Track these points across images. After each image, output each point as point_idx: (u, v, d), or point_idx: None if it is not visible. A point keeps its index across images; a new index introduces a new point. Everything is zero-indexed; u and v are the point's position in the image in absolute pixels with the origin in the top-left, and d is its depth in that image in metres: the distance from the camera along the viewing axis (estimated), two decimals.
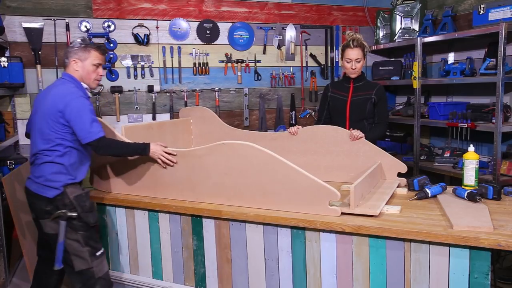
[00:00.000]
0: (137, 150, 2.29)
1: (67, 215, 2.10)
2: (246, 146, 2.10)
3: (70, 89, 2.17)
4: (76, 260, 2.14)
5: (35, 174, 2.18)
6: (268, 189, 2.11)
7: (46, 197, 2.13)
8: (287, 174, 2.04)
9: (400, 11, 4.26)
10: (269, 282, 2.17)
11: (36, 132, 2.19)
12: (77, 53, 2.24)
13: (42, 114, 2.16)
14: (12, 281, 3.10)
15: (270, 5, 4.43)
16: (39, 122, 2.17)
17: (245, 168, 2.13)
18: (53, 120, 2.12)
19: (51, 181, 2.13)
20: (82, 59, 2.25)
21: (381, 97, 2.88)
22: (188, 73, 4.20)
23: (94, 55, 2.26)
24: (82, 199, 2.17)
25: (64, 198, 2.14)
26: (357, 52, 2.80)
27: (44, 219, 2.15)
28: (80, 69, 2.26)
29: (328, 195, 1.98)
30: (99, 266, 2.18)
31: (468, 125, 3.31)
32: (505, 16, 3.34)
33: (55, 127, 2.13)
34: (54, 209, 2.12)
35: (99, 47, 2.30)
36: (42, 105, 2.18)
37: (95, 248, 2.19)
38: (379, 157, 2.58)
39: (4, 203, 3.01)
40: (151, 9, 4.03)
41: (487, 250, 1.70)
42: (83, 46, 2.25)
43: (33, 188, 2.17)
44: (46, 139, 2.15)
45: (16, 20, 3.64)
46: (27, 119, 3.73)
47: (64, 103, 2.11)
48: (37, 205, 2.17)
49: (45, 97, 2.19)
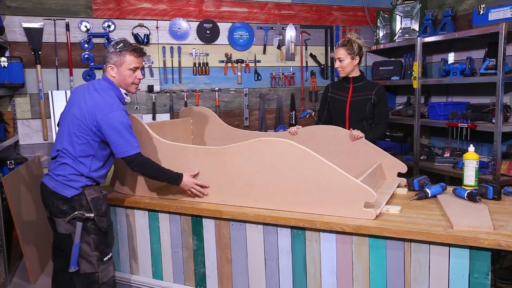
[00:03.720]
0: (169, 178, 2.21)
1: (84, 216, 2.06)
2: (283, 143, 2.07)
3: (111, 100, 2.10)
4: (83, 262, 2.10)
5: (54, 172, 2.12)
6: (300, 189, 2.06)
7: (64, 196, 2.07)
8: (323, 173, 1.99)
9: (400, 11, 4.26)
10: (269, 282, 2.17)
11: (65, 129, 2.12)
12: (112, 59, 2.15)
13: (77, 115, 2.09)
14: (12, 281, 3.10)
15: (270, 5, 4.43)
16: (71, 121, 2.10)
17: (279, 166, 2.09)
18: (86, 127, 2.06)
19: (71, 181, 2.08)
20: (117, 65, 2.15)
21: (381, 97, 2.88)
22: (188, 73, 4.20)
23: (129, 59, 2.15)
24: (99, 202, 2.12)
25: (82, 198, 2.09)
26: (340, 51, 2.83)
27: (59, 218, 2.09)
28: (117, 75, 2.17)
29: (364, 196, 1.93)
30: (104, 271, 2.14)
31: (468, 125, 3.30)
32: (505, 16, 3.34)
33: (85, 133, 2.07)
34: (70, 209, 2.07)
35: (134, 49, 2.16)
36: (79, 106, 2.10)
37: (103, 253, 2.14)
38: (379, 157, 2.58)
39: (4, 203, 3.02)
40: (151, 9, 4.03)
41: (487, 250, 1.70)
42: (117, 50, 2.14)
43: (51, 185, 2.10)
44: (72, 142, 2.09)
45: (16, 20, 3.64)
46: (27, 119, 3.76)
47: (103, 114, 2.04)
48: (53, 203, 2.10)
49: (85, 99, 2.10)
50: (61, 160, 2.11)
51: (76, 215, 2.05)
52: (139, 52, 2.18)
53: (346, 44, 2.82)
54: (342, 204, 1.98)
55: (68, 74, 3.83)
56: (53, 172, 2.13)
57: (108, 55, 2.16)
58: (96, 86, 2.17)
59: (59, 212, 2.09)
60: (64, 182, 2.08)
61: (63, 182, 2.08)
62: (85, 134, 2.08)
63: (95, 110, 2.05)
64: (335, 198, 1.99)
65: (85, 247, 2.09)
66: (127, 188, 2.59)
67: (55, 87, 3.79)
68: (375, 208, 1.99)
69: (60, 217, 2.09)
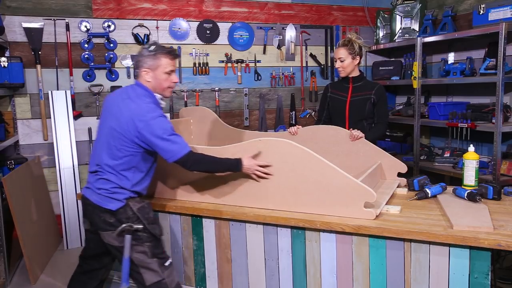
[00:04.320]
0: (229, 166, 2.08)
1: (133, 228, 1.96)
2: (283, 143, 2.07)
3: (147, 106, 1.98)
4: (146, 273, 1.99)
5: (96, 186, 2.03)
6: (300, 189, 2.06)
7: (109, 209, 1.98)
8: (323, 173, 1.99)
9: (400, 11, 4.26)
10: (269, 282, 2.17)
11: (104, 143, 2.03)
12: (147, 62, 2.04)
13: (115, 127, 1.99)
14: (12, 281, 3.10)
15: (270, 5, 4.43)
16: (110, 134, 2.00)
17: (279, 166, 2.09)
18: (127, 139, 1.97)
19: (114, 194, 2.00)
20: (152, 69, 2.04)
21: (380, 96, 2.87)
22: (188, 73, 4.20)
23: (165, 62, 2.05)
24: (145, 210, 2.04)
25: (127, 210, 2.00)
26: (340, 51, 2.83)
27: (107, 231, 1.99)
28: (152, 79, 2.06)
29: (364, 196, 1.94)
30: (170, 276, 2.03)
31: (468, 125, 3.30)
32: (505, 16, 3.34)
33: (128, 145, 1.98)
34: (117, 222, 1.98)
35: (169, 52, 2.07)
36: (116, 117, 2.00)
37: (163, 258, 2.04)
38: (379, 157, 2.58)
39: (4, 203, 3.02)
40: (151, 9, 4.03)
41: (487, 250, 1.70)
42: (152, 53, 2.04)
43: (93, 199, 2.02)
44: (113, 155, 2.00)
45: (16, 20, 3.64)
46: (27, 119, 3.77)
47: (144, 124, 1.93)
48: (99, 216, 2.01)
49: (120, 109, 2.00)
50: (101, 175, 2.02)
51: (124, 227, 1.95)
52: (174, 54, 2.09)
53: (347, 44, 2.82)
54: (342, 204, 1.98)
55: (68, 74, 3.83)
56: (94, 186, 2.04)
57: (141, 59, 2.05)
58: (130, 93, 2.06)
59: (106, 225, 1.99)
60: (107, 195, 2.00)
61: (105, 195, 2.00)
62: (128, 146, 1.98)
63: (134, 120, 1.94)
64: (335, 198, 1.99)
65: (141, 257, 1.99)
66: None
67: (55, 87, 3.79)
68: (375, 208, 1.99)
69: (109, 230, 1.99)
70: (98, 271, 2.22)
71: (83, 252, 2.23)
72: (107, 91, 3.94)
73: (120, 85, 3.95)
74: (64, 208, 3.73)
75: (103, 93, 3.93)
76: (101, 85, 3.91)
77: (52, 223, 3.75)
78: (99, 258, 2.19)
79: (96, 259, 2.19)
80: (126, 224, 1.96)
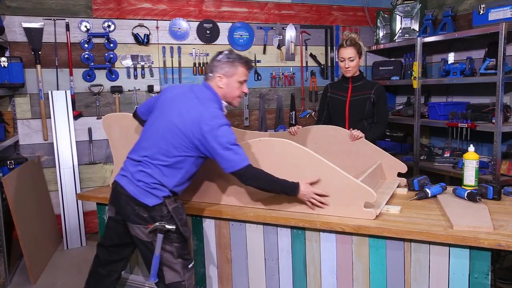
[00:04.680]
0: (286, 189, 2.00)
1: (165, 228, 1.92)
2: (283, 143, 2.07)
3: (216, 112, 1.95)
4: (168, 272, 1.97)
5: (136, 177, 1.96)
6: None
7: (145, 204, 1.93)
8: (323, 173, 1.99)
9: (400, 11, 4.26)
10: (269, 282, 2.17)
11: (160, 136, 1.97)
12: (224, 68, 2.02)
13: (178, 125, 1.94)
14: (12, 281, 3.10)
15: (270, 5, 4.43)
16: (170, 129, 1.95)
17: (279, 166, 2.07)
18: (188, 139, 1.92)
19: (154, 189, 1.95)
20: (228, 76, 2.03)
21: (380, 96, 2.88)
22: (188, 73, 4.20)
23: (241, 71, 2.04)
24: (179, 211, 2.00)
25: (163, 209, 1.95)
26: (350, 50, 2.80)
27: (139, 224, 1.95)
28: (225, 86, 2.04)
29: (364, 196, 1.93)
30: (190, 279, 2.01)
31: (468, 125, 3.31)
32: (505, 16, 3.34)
33: (184, 146, 1.93)
34: (150, 218, 1.93)
35: (246, 62, 2.06)
36: (180, 113, 1.95)
37: (187, 260, 2.01)
38: (379, 157, 2.58)
39: (4, 203, 3.02)
40: (151, 9, 4.03)
41: (487, 250, 1.70)
42: (230, 60, 2.02)
43: (130, 189, 1.95)
44: (167, 152, 1.94)
45: (16, 20, 3.64)
46: (27, 119, 3.77)
47: (210, 128, 1.88)
48: (133, 209, 1.95)
49: (186, 107, 1.96)
50: (145, 168, 1.97)
51: (157, 226, 1.91)
52: (250, 66, 2.10)
53: (355, 44, 2.81)
54: (342, 204, 1.98)
55: (68, 74, 3.83)
56: (133, 176, 1.97)
57: (218, 64, 2.03)
58: (198, 94, 2.01)
59: (139, 218, 1.95)
60: (146, 189, 1.94)
61: (145, 189, 1.94)
62: (185, 146, 1.94)
63: (200, 123, 1.90)
64: (335, 198, 1.99)
65: (167, 256, 1.96)
66: None
67: (55, 87, 3.79)
68: (375, 208, 1.99)
69: (140, 224, 1.94)
70: (118, 263, 2.16)
71: (102, 240, 2.17)
72: (107, 91, 3.94)
73: (120, 85, 3.96)
74: (64, 208, 3.73)
75: (103, 93, 3.93)
76: (101, 85, 3.91)
77: (52, 223, 3.75)
78: (119, 249, 2.13)
79: (116, 249, 2.13)
80: (159, 223, 1.92)
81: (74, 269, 3.26)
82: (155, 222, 1.92)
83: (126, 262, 2.22)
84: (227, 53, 2.06)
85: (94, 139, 3.95)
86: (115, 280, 2.19)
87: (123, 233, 2.06)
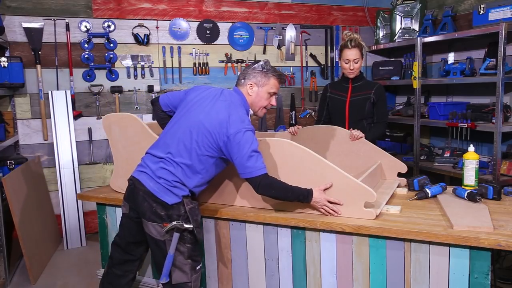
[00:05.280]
0: (299, 197, 1.99)
1: (183, 227, 1.91)
2: (284, 143, 2.07)
3: (244, 116, 1.96)
4: (176, 272, 1.95)
5: (157, 174, 1.95)
6: None
7: (165, 202, 1.92)
8: (323, 173, 1.99)
9: (400, 11, 4.26)
10: (269, 282, 2.17)
11: (186, 134, 1.96)
12: (256, 77, 2.05)
13: (205, 123, 1.94)
14: (12, 281, 3.10)
15: (270, 5, 4.43)
16: (197, 127, 1.95)
17: (279, 166, 2.08)
18: (213, 139, 1.92)
19: (174, 188, 1.94)
20: (259, 85, 2.05)
21: (380, 96, 2.87)
22: (188, 73, 4.20)
23: (272, 83, 2.06)
24: (195, 212, 1.99)
25: (181, 208, 1.95)
26: (355, 52, 2.78)
27: (154, 222, 1.93)
28: (254, 94, 2.06)
29: (364, 196, 1.93)
30: (196, 281, 2.01)
31: (468, 125, 3.31)
32: (505, 16, 3.34)
33: (209, 145, 1.93)
34: (167, 216, 1.92)
35: (280, 75, 2.09)
36: (208, 113, 1.96)
37: (196, 262, 2.01)
38: (379, 157, 2.58)
39: (4, 203, 3.02)
40: (151, 9, 4.03)
41: (487, 250, 1.70)
42: (264, 71, 2.06)
43: (149, 186, 1.94)
44: (190, 150, 1.94)
45: (16, 20, 3.65)
46: (27, 119, 3.77)
47: (236, 131, 1.89)
48: (150, 205, 1.93)
49: (216, 107, 1.97)
50: (167, 166, 1.95)
51: (175, 225, 1.90)
52: (283, 79, 2.13)
53: (359, 45, 2.78)
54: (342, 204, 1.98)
55: (68, 74, 3.83)
56: (154, 173, 1.96)
57: (252, 72, 2.07)
58: (227, 97, 2.03)
59: (155, 216, 1.93)
60: (167, 187, 1.93)
61: (165, 186, 1.93)
62: (210, 146, 1.94)
63: (228, 124, 1.91)
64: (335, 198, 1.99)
65: (178, 256, 1.95)
66: None
67: (55, 87, 3.79)
68: (375, 208, 1.99)
69: (156, 222, 1.93)
70: (133, 263, 2.14)
71: (116, 238, 2.15)
72: (107, 91, 3.94)
73: (120, 85, 3.96)
74: (64, 208, 3.74)
75: (103, 93, 3.93)
76: (101, 85, 3.91)
77: (52, 223, 3.75)
78: (133, 248, 2.11)
79: (129, 248, 2.11)
80: (176, 221, 1.91)
81: (74, 269, 3.26)
82: (171, 221, 1.91)
83: (141, 262, 2.21)
84: (262, 63, 2.08)
85: (94, 139, 3.96)
86: (130, 281, 2.18)
87: (137, 231, 2.04)
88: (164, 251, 1.93)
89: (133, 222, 2.04)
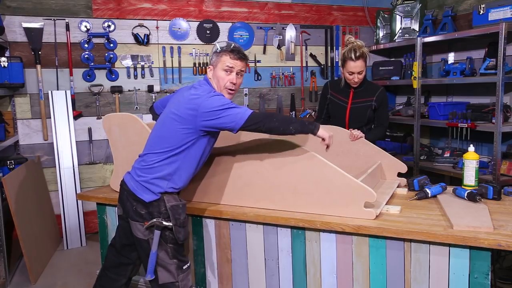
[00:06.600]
0: (303, 128, 1.95)
1: (162, 225, 1.91)
2: (284, 143, 2.07)
3: (208, 89, 1.98)
4: (162, 272, 1.95)
5: (137, 172, 1.98)
6: (300, 189, 2.05)
7: (143, 200, 1.93)
8: (323, 173, 1.99)
9: (400, 11, 4.26)
10: (269, 282, 2.17)
11: (158, 128, 2.01)
12: (212, 59, 2.07)
13: (173, 111, 1.96)
14: (12, 281, 3.10)
15: (270, 5, 4.43)
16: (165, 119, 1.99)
17: (279, 166, 2.08)
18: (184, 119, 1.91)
19: (151, 185, 1.94)
20: (214, 65, 2.05)
21: (382, 102, 2.83)
22: (188, 73, 4.20)
23: (224, 59, 2.01)
24: (177, 210, 1.95)
25: (161, 205, 1.94)
26: (360, 64, 2.68)
27: (137, 222, 1.95)
28: (213, 76, 2.06)
29: (364, 196, 1.93)
30: (184, 280, 1.98)
31: (468, 125, 3.30)
32: (505, 16, 3.34)
33: (180, 127, 1.91)
34: (148, 214, 1.93)
35: (232, 51, 2.01)
36: (177, 102, 1.99)
37: (182, 261, 1.99)
38: (379, 157, 2.58)
39: (4, 203, 3.02)
40: (151, 9, 4.03)
41: (487, 250, 1.70)
42: (218, 51, 2.03)
43: (131, 185, 1.97)
44: (163, 139, 1.95)
45: (16, 20, 3.65)
46: (27, 119, 3.77)
47: (202, 99, 1.89)
48: (131, 205, 1.96)
49: (183, 96, 2.00)
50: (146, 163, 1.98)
51: (154, 222, 1.90)
52: (237, 54, 2.02)
53: (363, 55, 2.67)
54: (342, 204, 1.98)
55: (68, 74, 3.83)
56: (136, 172, 2.00)
57: (211, 56, 2.09)
58: (194, 85, 2.08)
59: (136, 215, 1.95)
60: (144, 185, 1.95)
61: (143, 184, 1.95)
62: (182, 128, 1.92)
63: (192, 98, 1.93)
64: (335, 198, 1.99)
65: (162, 255, 1.95)
66: None
67: (55, 87, 3.79)
68: (375, 208, 1.99)
69: (138, 221, 1.94)
70: (126, 266, 2.15)
71: (112, 240, 2.17)
72: (107, 91, 3.94)
73: (120, 85, 3.96)
74: (64, 208, 3.74)
75: (103, 93, 3.93)
76: (101, 85, 3.91)
77: (52, 223, 3.75)
78: (127, 250, 2.12)
79: (124, 251, 2.12)
80: (156, 219, 1.91)
81: (74, 269, 3.26)
82: (152, 219, 1.92)
83: (134, 267, 2.21)
84: (219, 45, 2.06)
85: (94, 139, 3.96)
86: (123, 286, 2.18)
87: (130, 233, 2.04)
88: (148, 250, 1.94)
89: (126, 224, 2.05)
